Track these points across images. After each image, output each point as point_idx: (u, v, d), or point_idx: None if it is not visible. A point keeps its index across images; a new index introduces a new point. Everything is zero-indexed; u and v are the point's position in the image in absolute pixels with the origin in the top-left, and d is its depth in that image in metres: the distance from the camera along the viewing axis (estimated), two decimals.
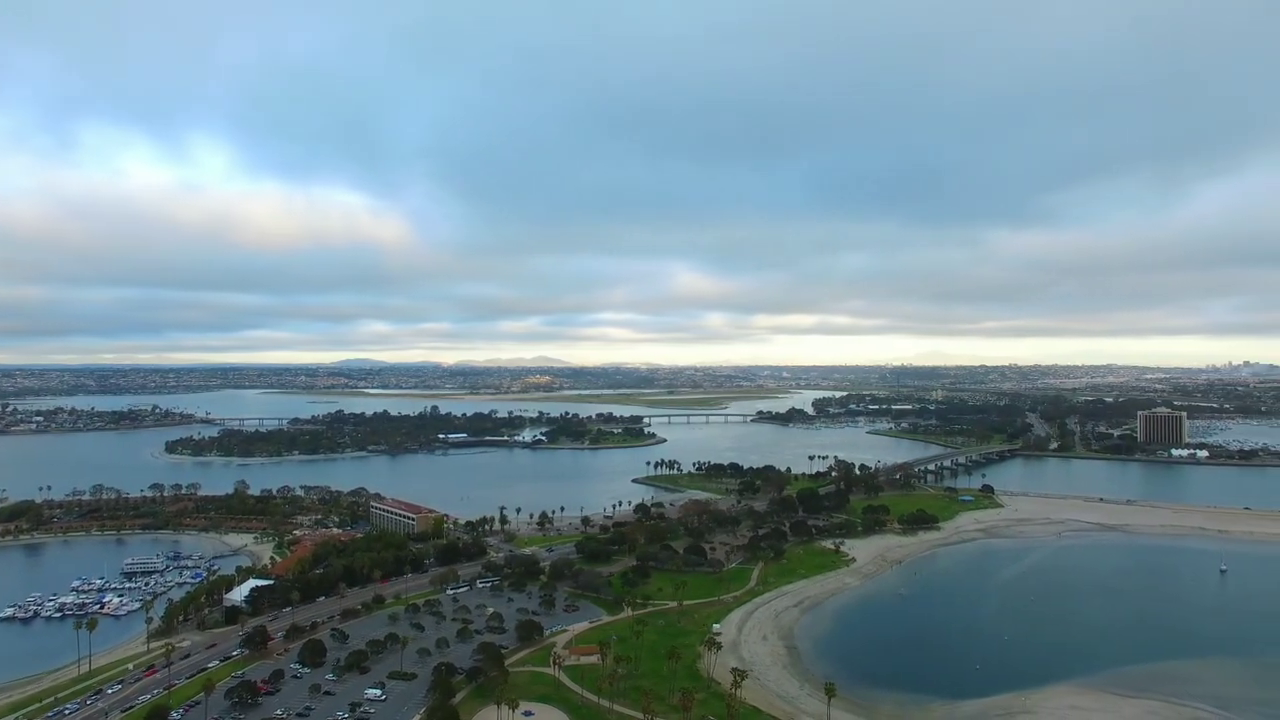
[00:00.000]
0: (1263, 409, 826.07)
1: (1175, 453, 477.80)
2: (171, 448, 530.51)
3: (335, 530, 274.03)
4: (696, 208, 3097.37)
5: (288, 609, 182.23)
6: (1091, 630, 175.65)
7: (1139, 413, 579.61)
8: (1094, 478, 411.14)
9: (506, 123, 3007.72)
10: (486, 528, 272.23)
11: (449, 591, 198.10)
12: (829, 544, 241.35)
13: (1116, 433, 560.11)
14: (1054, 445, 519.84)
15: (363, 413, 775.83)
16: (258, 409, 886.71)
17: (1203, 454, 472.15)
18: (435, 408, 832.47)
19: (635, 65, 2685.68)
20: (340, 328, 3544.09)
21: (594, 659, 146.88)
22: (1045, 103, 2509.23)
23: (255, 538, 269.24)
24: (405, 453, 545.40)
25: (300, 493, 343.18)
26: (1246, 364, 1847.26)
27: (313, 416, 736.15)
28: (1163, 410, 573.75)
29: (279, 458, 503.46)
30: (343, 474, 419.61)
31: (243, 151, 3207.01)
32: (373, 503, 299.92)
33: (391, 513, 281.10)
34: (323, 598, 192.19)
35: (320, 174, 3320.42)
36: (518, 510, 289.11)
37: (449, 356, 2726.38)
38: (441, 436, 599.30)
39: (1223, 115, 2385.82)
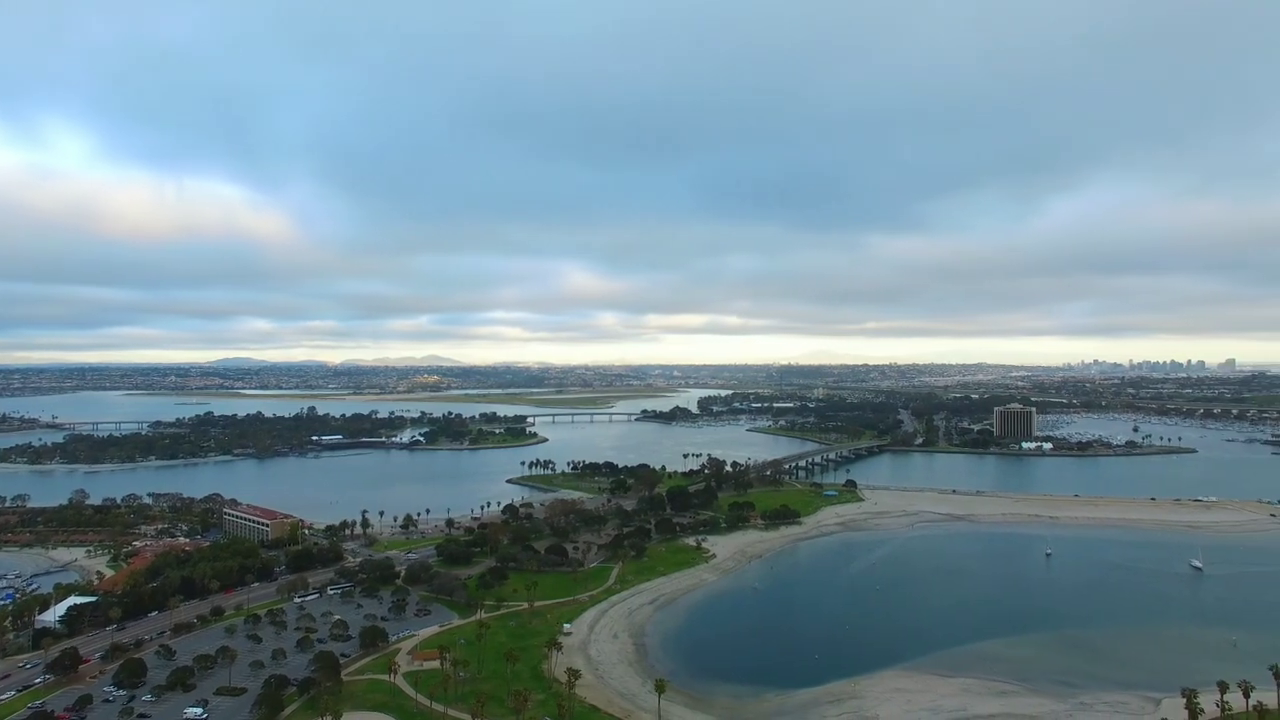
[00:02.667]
0: (1103, 404, 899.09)
1: (1025, 445, 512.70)
2: (3, 455, 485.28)
3: (182, 540, 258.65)
4: (586, 208, 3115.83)
5: (111, 627, 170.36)
6: (926, 615, 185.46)
7: (995, 409, 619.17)
8: (953, 470, 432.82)
9: (393, 119, 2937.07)
10: (347, 532, 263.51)
11: (296, 600, 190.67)
12: (691, 541, 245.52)
13: (976, 428, 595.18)
14: (919, 440, 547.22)
15: (234, 414, 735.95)
16: (117, 412, 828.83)
17: (1048, 446, 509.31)
18: (313, 408, 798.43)
19: (523, 64, 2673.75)
20: (217, 325, 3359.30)
21: (436, 664, 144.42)
22: (914, 117, 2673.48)
23: (88, 551, 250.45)
24: (275, 456, 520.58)
25: (149, 501, 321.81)
26: (1096, 362, 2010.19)
27: (177, 419, 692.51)
28: (1016, 406, 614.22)
29: (133, 464, 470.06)
30: (202, 480, 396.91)
31: (105, 137, 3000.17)
32: (226, 509, 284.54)
33: (245, 519, 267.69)
34: (156, 612, 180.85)
35: (193, 164, 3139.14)
36: (380, 513, 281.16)
37: (335, 356, 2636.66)
38: (315, 439, 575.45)
39: (1064, 136, 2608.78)
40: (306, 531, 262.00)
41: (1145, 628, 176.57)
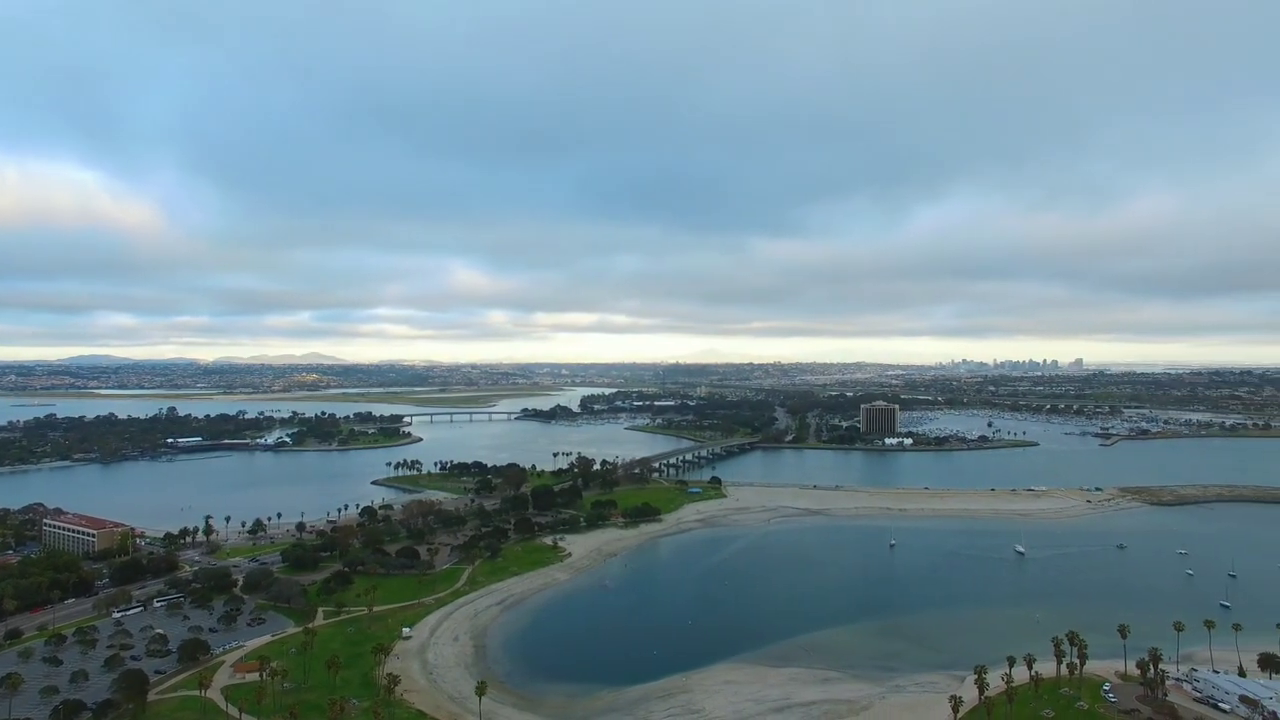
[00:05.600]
0: (965, 401, 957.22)
1: (888, 441, 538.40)
2: None
3: None
4: (470, 206, 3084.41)
5: None
6: (768, 608, 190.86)
7: (862, 405, 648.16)
8: (820, 466, 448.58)
9: (266, 108, 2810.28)
10: (187, 540, 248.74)
11: (115, 614, 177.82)
12: (549, 540, 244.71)
13: (845, 424, 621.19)
14: (790, 437, 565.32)
15: (82, 416, 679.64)
16: None
17: (908, 441, 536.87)
18: (172, 409, 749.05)
19: (402, 56, 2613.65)
20: (71, 319, 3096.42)
21: (258, 676, 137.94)
22: (786, 125, 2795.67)
23: None
24: (123, 460, 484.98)
25: None
26: (965, 362, 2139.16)
27: (10, 422, 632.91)
28: (880, 404, 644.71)
29: None
30: (31, 488, 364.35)
31: None
32: (47, 520, 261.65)
33: (68, 530, 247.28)
34: None
35: (38, 145, 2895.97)
36: (227, 519, 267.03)
37: (208, 353, 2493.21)
38: (170, 441, 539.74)
39: (924, 150, 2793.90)
40: (141, 541, 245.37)
41: (967, 610, 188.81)
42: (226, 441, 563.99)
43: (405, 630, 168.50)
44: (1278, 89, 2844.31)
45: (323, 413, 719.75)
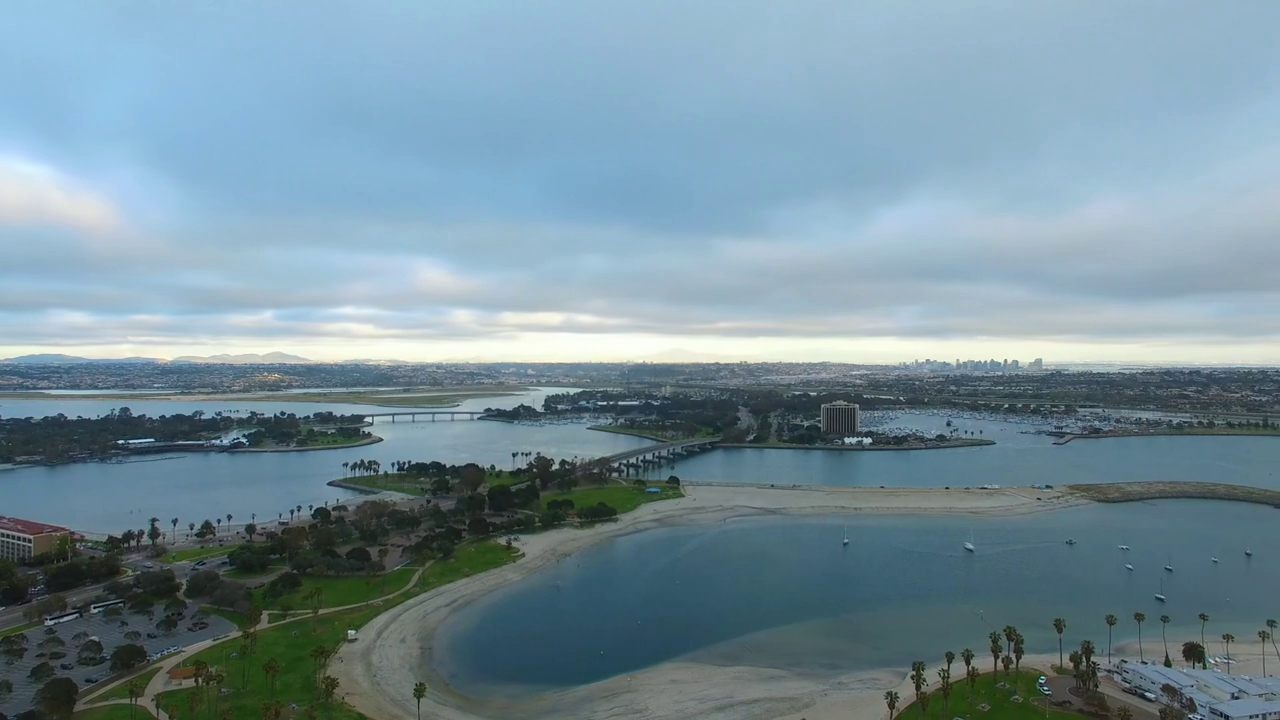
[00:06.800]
0: (926, 400, 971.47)
1: (848, 440, 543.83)
2: None
3: None
4: (436, 205, 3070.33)
5: None
6: (719, 607, 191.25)
7: (823, 405, 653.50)
8: (781, 465, 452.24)
9: (227, 105, 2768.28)
10: (132, 544, 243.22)
11: (48, 622, 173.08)
12: (503, 541, 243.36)
13: (807, 424, 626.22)
14: (751, 437, 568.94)
15: (29, 418, 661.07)
16: None
17: (868, 441, 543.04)
18: (126, 410, 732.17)
19: (366, 55, 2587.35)
20: (21, 317, 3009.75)
21: (195, 682, 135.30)
22: (751, 128, 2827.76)
23: None
24: (70, 462, 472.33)
25: None
26: (928, 362, 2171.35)
27: None
28: (841, 404, 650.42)
29: None
30: None
31: None
32: None
33: (3, 535, 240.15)
34: None
35: None
36: (174, 522, 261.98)
37: (167, 352, 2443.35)
38: (121, 443, 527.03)
39: (889, 153, 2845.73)
40: (82, 545, 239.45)
41: (914, 607, 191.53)
42: (181, 443, 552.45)
43: (351, 633, 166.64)
44: (1225, 99, 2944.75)
45: (282, 413, 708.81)
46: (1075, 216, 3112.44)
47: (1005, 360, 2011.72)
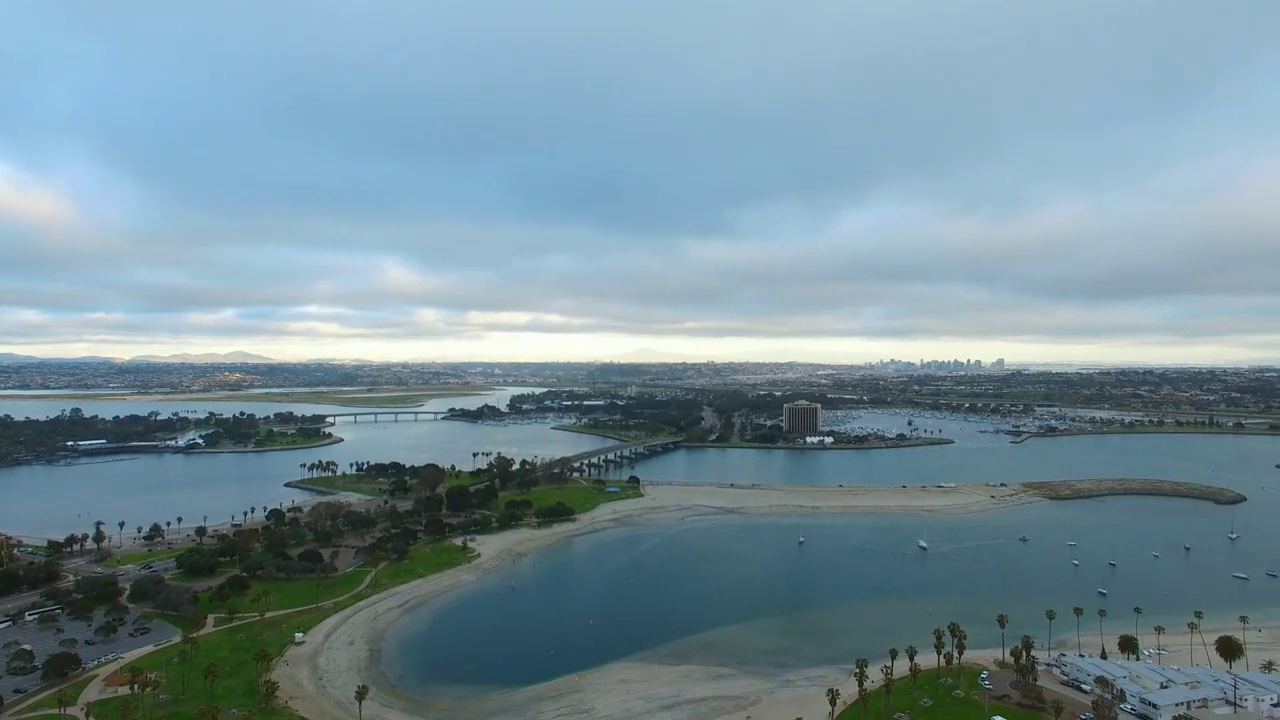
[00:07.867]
0: (889, 400, 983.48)
1: (809, 440, 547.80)
2: None
3: None
4: (401, 204, 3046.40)
5: None
6: (671, 606, 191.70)
7: (785, 405, 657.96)
8: (742, 465, 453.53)
9: (181, 101, 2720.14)
10: (75, 548, 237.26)
11: None
12: (459, 541, 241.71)
13: (769, 423, 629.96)
14: (714, 436, 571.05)
15: None
16: None
17: (829, 440, 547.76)
18: (78, 410, 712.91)
19: (328, 51, 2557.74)
20: None
21: (132, 689, 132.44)
22: (714, 129, 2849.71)
23: None
24: (14, 465, 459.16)
25: None
26: (893, 362, 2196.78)
27: None
28: (803, 403, 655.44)
29: None
30: None
31: None
32: None
33: None
34: None
35: None
36: (121, 525, 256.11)
37: (124, 351, 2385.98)
38: (71, 444, 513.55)
39: (849, 157, 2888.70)
40: (20, 550, 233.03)
41: (865, 605, 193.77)
42: (134, 444, 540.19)
43: (299, 635, 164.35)
44: (1175, 109, 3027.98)
45: (242, 413, 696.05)
46: (1033, 220, 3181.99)
47: (968, 360, 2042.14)
